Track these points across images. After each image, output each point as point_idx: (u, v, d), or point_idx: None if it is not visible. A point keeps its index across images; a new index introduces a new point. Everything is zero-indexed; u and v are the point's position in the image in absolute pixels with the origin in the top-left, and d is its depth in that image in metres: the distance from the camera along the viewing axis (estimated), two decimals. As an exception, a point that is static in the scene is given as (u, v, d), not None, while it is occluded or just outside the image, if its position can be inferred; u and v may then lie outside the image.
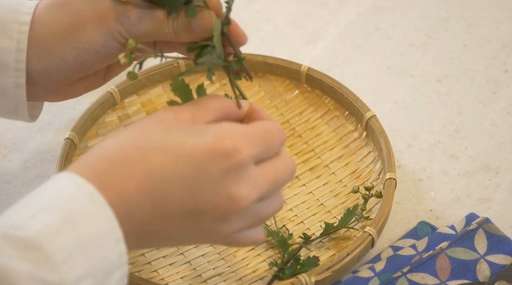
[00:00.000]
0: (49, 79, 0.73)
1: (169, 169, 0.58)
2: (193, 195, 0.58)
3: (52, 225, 0.54)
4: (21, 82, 0.72)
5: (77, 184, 0.56)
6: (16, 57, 0.71)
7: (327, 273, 0.73)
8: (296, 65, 0.91)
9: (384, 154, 0.82)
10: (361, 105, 0.87)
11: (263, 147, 0.61)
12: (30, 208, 0.56)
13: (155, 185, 0.58)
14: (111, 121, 0.90)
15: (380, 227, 0.77)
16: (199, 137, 0.59)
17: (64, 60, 0.71)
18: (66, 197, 0.56)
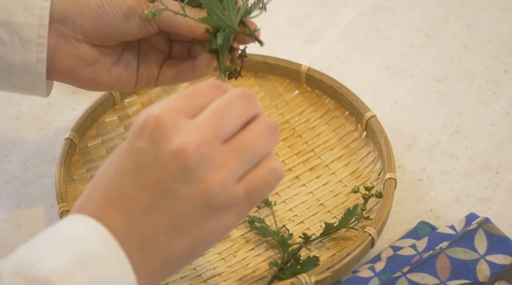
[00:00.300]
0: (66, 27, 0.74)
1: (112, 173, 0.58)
2: (143, 175, 0.56)
3: (66, 265, 0.54)
4: (42, 57, 0.74)
5: (91, 227, 0.56)
6: (38, 33, 0.73)
7: (327, 273, 0.73)
8: (296, 65, 0.91)
9: (384, 154, 0.82)
10: (361, 105, 0.87)
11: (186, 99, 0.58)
12: (45, 247, 0.56)
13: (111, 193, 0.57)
14: (111, 121, 0.90)
15: (380, 227, 0.77)
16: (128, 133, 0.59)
17: (87, 6, 0.73)
18: (80, 239, 0.56)
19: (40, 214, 0.83)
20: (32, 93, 0.78)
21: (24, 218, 0.83)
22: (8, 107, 0.93)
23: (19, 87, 0.77)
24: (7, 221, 0.83)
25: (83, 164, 0.86)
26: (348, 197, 0.83)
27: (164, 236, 0.57)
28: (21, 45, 0.73)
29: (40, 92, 0.77)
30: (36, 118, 0.92)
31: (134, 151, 0.57)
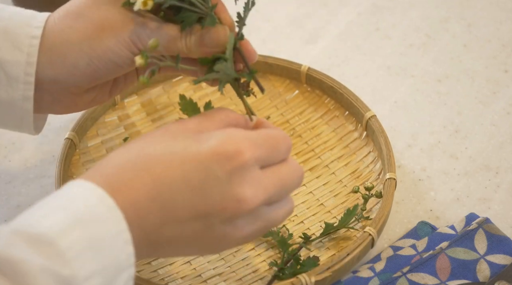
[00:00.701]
0: (59, 87, 0.73)
1: (175, 174, 0.59)
2: (200, 198, 0.59)
3: (64, 223, 0.55)
4: (29, 95, 0.72)
5: (88, 188, 0.58)
6: (26, 70, 0.71)
7: (327, 273, 0.73)
8: (296, 65, 0.91)
9: (384, 154, 0.82)
10: (361, 105, 0.87)
11: (267, 151, 0.62)
12: (42, 209, 0.57)
13: (162, 190, 0.59)
14: (111, 121, 0.90)
15: (380, 227, 0.77)
16: (203, 142, 0.60)
17: (76, 67, 0.72)
18: (77, 200, 0.57)
19: (40, 214, 0.84)
20: (19, 131, 0.77)
21: (24, 218, 0.83)
22: (8, 107, 0.94)
23: (6, 123, 0.76)
24: (7, 221, 0.82)
25: (83, 164, 0.86)
26: (348, 197, 0.83)
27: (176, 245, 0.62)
28: (7, 82, 0.72)
29: (28, 129, 0.76)
30: (36, 118, 0.92)
31: (208, 173, 0.59)
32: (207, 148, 0.60)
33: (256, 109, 0.91)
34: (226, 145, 0.60)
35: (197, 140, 0.60)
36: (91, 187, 0.58)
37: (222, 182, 0.59)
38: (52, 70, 0.72)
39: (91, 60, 0.71)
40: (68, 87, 0.73)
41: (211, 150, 0.59)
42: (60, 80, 0.72)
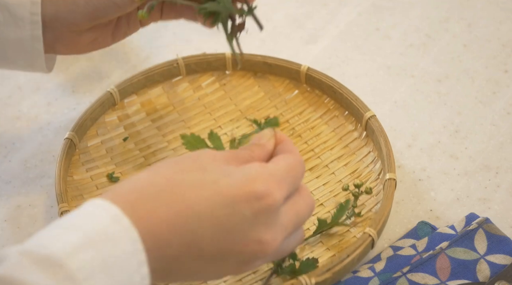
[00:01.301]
0: (59, 24, 0.74)
1: (202, 208, 0.58)
2: (224, 235, 0.59)
3: (75, 243, 0.54)
4: (37, 34, 0.74)
5: (103, 207, 0.56)
6: (31, 10, 0.73)
7: (328, 274, 0.74)
8: (296, 65, 0.91)
9: (384, 154, 0.82)
10: (361, 105, 0.87)
11: (290, 185, 0.62)
12: (55, 229, 0.56)
13: (186, 223, 0.58)
14: (111, 121, 0.90)
15: (380, 227, 0.77)
16: (233, 178, 0.60)
17: (76, 4, 0.73)
18: (91, 219, 0.56)
19: (40, 214, 0.83)
20: (32, 70, 0.78)
21: (24, 218, 0.83)
22: (8, 107, 0.94)
23: (18, 63, 0.77)
24: (7, 221, 0.83)
25: (83, 164, 0.86)
26: (348, 197, 0.83)
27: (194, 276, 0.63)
28: (14, 23, 0.73)
29: (40, 68, 0.78)
30: (36, 118, 0.92)
31: (236, 210, 0.59)
32: (237, 185, 0.59)
33: (255, 109, 0.92)
34: (255, 184, 0.60)
35: (226, 174, 0.60)
36: (106, 206, 0.56)
37: (247, 221, 0.59)
38: (52, 7, 0.73)
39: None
40: (68, 25, 0.74)
41: (241, 188, 0.59)
42: (60, 17, 0.74)
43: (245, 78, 0.94)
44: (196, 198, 0.58)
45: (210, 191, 0.59)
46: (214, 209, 0.58)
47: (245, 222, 0.59)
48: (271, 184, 0.60)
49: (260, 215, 0.59)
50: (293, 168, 0.63)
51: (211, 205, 0.58)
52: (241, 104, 0.92)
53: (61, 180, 0.81)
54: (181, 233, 0.57)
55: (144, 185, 0.59)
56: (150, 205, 0.57)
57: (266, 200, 0.59)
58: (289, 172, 0.62)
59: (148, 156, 0.87)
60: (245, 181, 0.59)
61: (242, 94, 0.93)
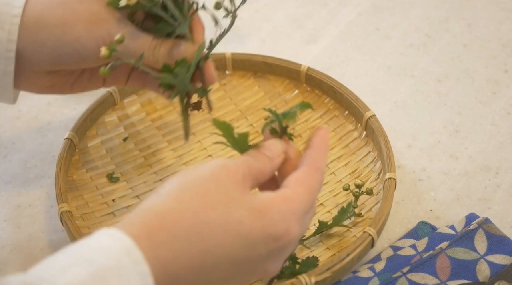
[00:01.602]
0: (22, 60, 0.75)
1: (223, 250, 0.59)
2: (236, 269, 0.60)
3: (82, 278, 0.53)
4: (9, 70, 0.75)
5: (114, 237, 0.55)
6: (7, 47, 0.74)
7: (327, 273, 0.74)
8: (296, 65, 0.92)
9: (384, 154, 0.83)
10: (361, 104, 0.87)
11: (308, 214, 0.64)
12: (62, 260, 0.54)
13: (206, 263, 0.58)
14: (111, 121, 0.90)
15: (380, 227, 0.77)
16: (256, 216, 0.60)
17: (44, 46, 0.74)
18: (100, 250, 0.54)
19: (40, 214, 0.84)
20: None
21: (24, 218, 0.83)
22: (8, 107, 0.93)
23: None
24: (7, 221, 0.83)
25: (83, 165, 0.86)
26: (348, 197, 0.83)
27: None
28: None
29: (7, 100, 0.79)
30: (36, 118, 0.92)
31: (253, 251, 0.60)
32: (259, 229, 0.60)
33: (255, 109, 0.92)
34: (277, 226, 0.60)
35: (250, 211, 0.60)
36: (118, 237, 0.55)
37: (261, 258, 0.61)
38: (20, 45, 0.74)
39: (58, 43, 0.74)
40: (31, 64, 0.76)
41: (262, 230, 0.60)
42: (26, 55, 0.75)
43: (245, 78, 0.94)
44: (221, 240, 0.59)
45: (234, 232, 0.59)
46: (234, 250, 0.59)
47: (258, 259, 0.61)
48: (291, 224, 0.61)
49: (275, 251, 0.61)
50: (312, 194, 0.64)
51: (232, 247, 0.59)
52: (241, 104, 0.92)
53: (61, 180, 0.81)
54: (198, 271, 0.58)
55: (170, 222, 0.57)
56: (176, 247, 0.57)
57: (284, 240, 0.61)
58: (307, 201, 0.63)
59: (148, 156, 0.87)
60: (268, 223, 0.60)
61: (242, 94, 0.93)
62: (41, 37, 0.74)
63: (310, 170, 0.65)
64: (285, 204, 0.61)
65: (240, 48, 0.95)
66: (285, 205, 0.61)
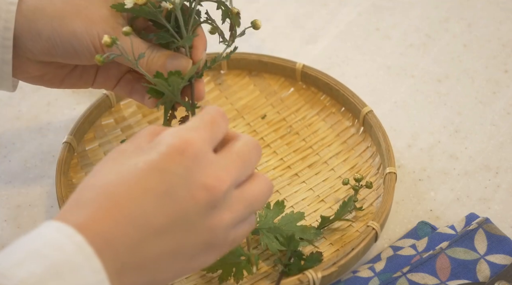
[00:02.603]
0: (18, 47, 0.76)
1: (134, 189, 0.57)
2: (169, 200, 0.58)
3: (37, 275, 0.53)
4: (7, 58, 0.76)
5: (65, 234, 0.55)
6: (4, 35, 0.75)
7: (333, 268, 0.75)
8: (291, 62, 0.93)
9: (383, 148, 0.84)
10: (358, 100, 0.88)
11: (210, 130, 0.61)
12: (17, 254, 0.54)
13: (127, 209, 0.57)
14: (108, 124, 0.91)
15: (383, 221, 0.79)
16: (152, 150, 0.59)
17: (39, 35, 0.75)
18: (53, 247, 0.55)
19: (40, 214, 0.84)
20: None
21: (24, 218, 0.84)
22: (8, 107, 0.94)
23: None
24: (7, 221, 0.83)
25: (82, 168, 0.87)
26: (348, 192, 0.84)
27: (162, 260, 0.59)
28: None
29: (7, 88, 0.80)
30: (36, 118, 0.93)
31: (166, 174, 0.58)
32: (156, 153, 0.58)
33: (252, 108, 0.92)
34: (173, 142, 0.58)
35: (146, 151, 0.59)
36: (68, 233, 0.55)
37: (183, 176, 0.58)
38: (17, 33, 0.75)
39: (54, 34, 0.74)
40: (25, 51, 0.76)
41: (160, 153, 0.58)
42: (21, 42, 0.75)
43: (240, 77, 0.96)
44: (126, 184, 0.57)
45: (135, 172, 0.58)
46: (147, 185, 0.57)
47: (181, 179, 0.58)
48: (185, 134, 0.59)
49: (192, 166, 0.58)
50: (211, 115, 0.62)
51: (142, 184, 0.57)
52: (237, 103, 0.93)
53: (61, 185, 0.81)
54: (129, 223, 0.56)
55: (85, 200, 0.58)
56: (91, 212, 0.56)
57: (189, 151, 0.58)
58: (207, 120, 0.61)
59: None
60: (159, 145, 0.59)
61: (238, 93, 0.94)
62: (38, 26, 0.74)
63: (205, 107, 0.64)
64: (175, 127, 0.61)
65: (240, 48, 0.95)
66: (175, 128, 0.60)
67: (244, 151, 0.62)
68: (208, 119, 0.61)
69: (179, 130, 0.60)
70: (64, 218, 0.56)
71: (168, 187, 0.57)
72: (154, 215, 0.57)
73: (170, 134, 0.59)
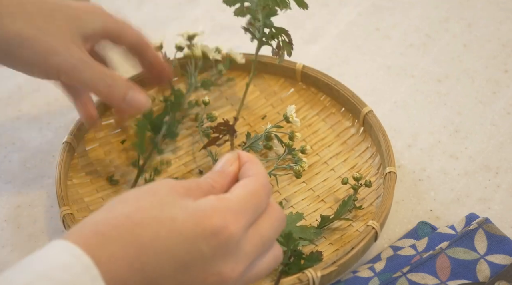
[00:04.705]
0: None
1: (160, 245, 0.58)
2: (183, 271, 0.59)
3: None
4: None
5: (73, 254, 0.56)
6: None
7: (333, 267, 0.75)
8: (291, 63, 0.93)
9: (383, 148, 0.84)
10: (358, 101, 0.89)
11: (250, 214, 0.61)
12: (24, 275, 0.55)
13: (146, 262, 0.58)
14: (108, 124, 0.91)
15: (383, 220, 0.79)
16: (189, 213, 0.59)
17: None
18: (60, 267, 0.55)
19: (40, 214, 0.84)
20: None
21: (24, 218, 0.84)
22: (8, 107, 0.95)
23: None
24: (7, 221, 0.84)
25: (82, 168, 0.87)
26: (348, 192, 0.84)
27: None
28: None
29: None
30: (36, 118, 0.93)
31: (194, 247, 0.58)
32: (193, 221, 0.59)
33: (252, 108, 0.93)
34: (212, 220, 0.59)
35: (183, 209, 0.59)
36: (76, 254, 0.56)
37: (205, 256, 0.59)
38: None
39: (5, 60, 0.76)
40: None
41: (197, 224, 0.59)
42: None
43: (240, 77, 0.96)
44: (154, 236, 0.58)
45: (167, 228, 0.58)
46: (172, 247, 0.58)
47: (203, 258, 0.59)
48: (227, 217, 0.59)
49: (218, 249, 0.59)
50: (254, 195, 0.62)
51: (168, 243, 0.58)
52: (237, 104, 0.93)
53: (61, 185, 0.82)
54: (141, 272, 0.57)
55: (105, 228, 0.58)
56: (111, 249, 0.57)
57: (223, 235, 0.59)
58: (248, 200, 0.61)
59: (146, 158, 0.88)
60: (201, 217, 0.59)
61: (238, 94, 0.94)
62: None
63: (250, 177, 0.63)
64: (220, 201, 0.60)
65: (239, 49, 0.95)
66: (220, 202, 0.60)
67: (268, 232, 0.62)
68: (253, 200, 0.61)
69: (223, 207, 0.60)
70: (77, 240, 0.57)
71: (189, 261, 0.59)
72: (165, 278, 0.58)
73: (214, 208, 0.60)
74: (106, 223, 0.58)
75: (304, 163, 0.85)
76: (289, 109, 0.86)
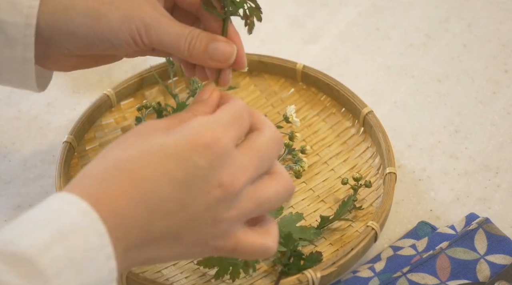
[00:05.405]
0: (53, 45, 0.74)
1: (154, 171, 0.59)
2: (185, 189, 0.59)
3: (44, 240, 0.54)
4: (29, 56, 0.73)
5: (69, 201, 0.57)
6: (25, 32, 0.72)
7: (333, 268, 0.75)
8: (291, 63, 0.94)
9: (383, 148, 0.85)
10: (358, 101, 0.89)
11: (237, 128, 0.62)
12: (22, 225, 0.56)
13: (144, 190, 0.58)
14: (108, 124, 0.92)
15: (383, 221, 0.79)
16: (178, 135, 0.60)
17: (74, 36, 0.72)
18: (58, 214, 0.56)
19: (40, 214, 0.85)
20: (24, 88, 0.78)
21: (24, 218, 0.84)
22: (8, 107, 0.94)
23: (12, 82, 0.77)
24: (7, 221, 0.83)
25: (82, 168, 0.85)
26: (348, 192, 0.84)
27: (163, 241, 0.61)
28: (7, 43, 0.73)
29: (32, 87, 0.77)
30: (36, 118, 0.93)
31: (189, 163, 0.59)
32: (183, 140, 0.60)
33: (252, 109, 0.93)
34: (201, 134, 0.60)
35: (170, 134, 0.61)
36: (73, 200, 0.57)
37: (203, 170, 0.60)
38: (49, 32, 0.73)
39: (90, 33, 0.72)
40: (60, 48, 0.74)
41: (188, 142, 0.60)
42: (55, 42, 0.73)
43: (240, 77, 0.96)
44: (147, 164, 0.59)
45: (158, 154, 0.59)
46: (166, 168, 0.59)
47: (201, 172, 0.59)
48: (217, 130, 0.61)
49: (213, 161, 0.60)
50: (235, 112, 0.63)
51: (162, 167, 0.59)
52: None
53: (61, 185, 0.82)
54: (141, 202, 0.58)
55: (97, 171, 0.59)
56: (104, 187, 0.58)
57: (215, 147, 0.60)
58: (232, 116, 0.63)
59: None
60: (191, 135, 0.60)
61: (238, 93, 0.94)
62: (71, 25, 0.72)
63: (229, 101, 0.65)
64: (206, 118, 0.62)
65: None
66: (206, 118, 0.62)
67: (265, 148, 0.63)
68: (237, 117, 0.63)
69: (210, 122, 0.61)
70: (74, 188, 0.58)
71: (187, 177, 0.59)
72: (167, 200, 0.59)
73: (202, 124, 0.61)
74: (97, 168, 0.60)
75: (304, 163, 0.85)
76: (289, 109, 0.86)
